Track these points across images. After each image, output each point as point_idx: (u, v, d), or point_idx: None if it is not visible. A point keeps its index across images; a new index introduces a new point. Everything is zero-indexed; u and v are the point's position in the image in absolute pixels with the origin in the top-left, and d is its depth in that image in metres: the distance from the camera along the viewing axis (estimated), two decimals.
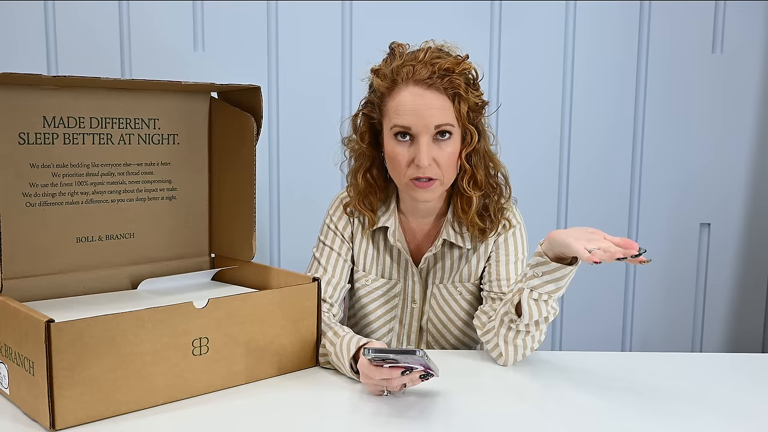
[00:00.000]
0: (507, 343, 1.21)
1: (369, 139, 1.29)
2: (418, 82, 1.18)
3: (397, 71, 1.20)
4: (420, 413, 1.03)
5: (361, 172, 1.31)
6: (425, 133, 1.19)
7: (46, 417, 0.93)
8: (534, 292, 1.14)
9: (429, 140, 1.19)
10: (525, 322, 1.17)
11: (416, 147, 1.19)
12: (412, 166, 1.20)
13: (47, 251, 1.21)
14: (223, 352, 1.10)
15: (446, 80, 1.18)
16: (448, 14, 1.95)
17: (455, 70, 1.19)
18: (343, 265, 1.35)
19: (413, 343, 1.37)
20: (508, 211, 1.32)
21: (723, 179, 2.09)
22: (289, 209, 2.01)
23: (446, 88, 1.18)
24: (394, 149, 1.22)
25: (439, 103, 1.18)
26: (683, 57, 2.03)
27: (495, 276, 1.30)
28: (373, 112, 1.26)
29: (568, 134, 2.06)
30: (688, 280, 2.14)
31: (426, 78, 1.18)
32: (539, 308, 1.15)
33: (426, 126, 1.18)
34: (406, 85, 1.19)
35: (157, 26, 1.88)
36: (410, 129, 1.19)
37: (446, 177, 1.23)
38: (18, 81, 1.13)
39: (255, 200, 1.31)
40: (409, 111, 1.18)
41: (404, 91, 1.19)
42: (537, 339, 1.21)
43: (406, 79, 1.19)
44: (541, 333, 1.20)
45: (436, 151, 1.20)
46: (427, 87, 1.18)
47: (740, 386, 1.17)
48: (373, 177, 1.31)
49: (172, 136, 1.34)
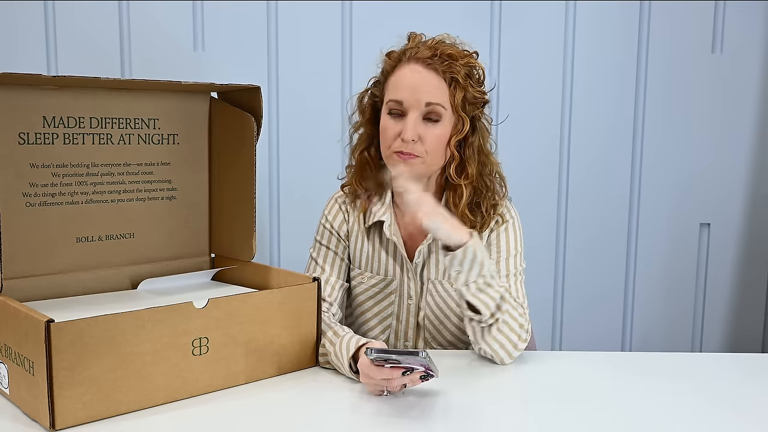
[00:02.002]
0: (490, 342, 1.22)
1: (369, 115, 1.32)
2: (419, 60, 1.23)
3: (404, 52, 1.26)
4: (421, 413, 1.03)
5: (359, 150, 1.34)
6: (415, 108, 1.22)
7: (46, 417, 0.93)
8: (469, 286, 1.18)
9: (418, 117, 1.23)
10: (487, 315, 1.20)
11: (405, 121, 1.23)
12: (398, 140, 1.23)
13: (47, 251, 1.21)
14: (223, 352, 1.10)
15: (446, 64, 1.22)
16: (448, 14, 1.95)
17: (457, 59, 1.23)
18: (341, 263, 1.36)
19: (411, 340, 1.37)
20: (502, 207, 1.33)
21: (723, 179, 2.09)
22: (289, 209, 2.01)
23: (444, 71, 1.22)
24: (386, 123, 1.25)
25: (435, 82, 1.22)
26: (683, 57, 2.03)
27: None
28: (377, 91, 1.30)
29: (568, 134, 2.06)
30: (688, 280, 2.14)
31: (427, 57, 1.23)
32: (487, 294, 1.19)
33: (417, 101, 1.22)
34: (408, 63, 1.24)
35: (157, 26, 1.88)
36: (402, 104, 1.23)
37: (430, 158, 1.24)
38: (18, 81, 1.13)
39: (255, 200, 1.31)
40: (405, 86, 1.23)
41: (405, 67, 1.24)
42: (514, 320, 1.22)
43: (410, 57, 1.25)
44: (510, 315, 1.21)
45: (423, 129, 1.23)
46: (426, 66, 1.23)
47: (740, 386, 1.17)
48: (370, 155, 1.33)
49: (172, 136, 1.34)
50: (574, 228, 2.09)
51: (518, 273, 1.32)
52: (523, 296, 1.31)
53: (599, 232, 2.10)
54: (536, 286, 2.09)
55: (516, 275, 1.31)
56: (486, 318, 1.20)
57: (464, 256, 1.17)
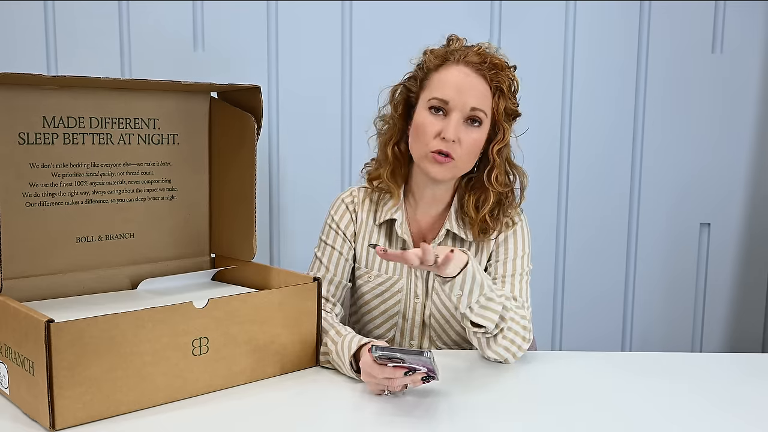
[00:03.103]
0: (495, 349, 1.23)
1: (402, 111, 1.32)
2: (468, 64, 1.25)
3: (451, 52, 1.27)
4: (425, 412, 1.03)
5: (390, 145, 1.33)
6: (459, 110, 1.23)
7: (46, 417, 0.93)
8: (473, 307, 1.17)
9: (460, 119, 1.24)
10: (492, 327, 1.19)
11: (447, 121, 1.23)
12: (438, 138, 1.23)
13: (47, 251, 1.21)
14: (223, 352, 1.10)
15: (493, 73, 1.25)
16: (448, 14, 1.95)
17: (503, 69, 1.26)
18: (345, 263, 1.36)
19: (416, 338, 1.38)
20: (513, 212, 1.34)
21: (723, 179, 2.09)
22: (289, 209, 2.01)
23: (492, 80, 1.25)
24: (425, 119, 1.25)
25: (482, 88, 1.24)
26: (683, 57, 2.03)
27: (500, 273, 1.32)
28: (413, 86, 1.30)
29: (568, 134, 2.06)
30: (688, 280, 2.13)
31: (477, 63, 1.24)
32: (490, 309, 1.18)
33: (463, 104, 1.23)
34: (457, 64, 1.25)
35: (157, 26, 1.87)
36: (448, 103, 1.23)
37: (462, 162, 1.26)
38: (18, 81, 1.13)
39: (255, 200, 1.31)
40: (453, 86, 1.23)
41: (454, 68, 1.25)
42: (517, 324, 1.22)
43: (458, 59, 1.26)
44: (514, 320, 1.22)
45: (463, 132, 1.24)
46: (475, 70, 1.24)
47: (740, 386, 1.17)
48: (400, 150, 1.33)
49: (172, 136, 1.34)
50: (574, 228, 2.09)
51: (524, 273, 1.33)
52: (527, 296, 1.32)
53: (599, 233, 2.10)
54: (536, 286, 2.07)
55: (522, 275, 1.32)
56: (491, 329, 1.20)
57: (464, 280, 1.15)
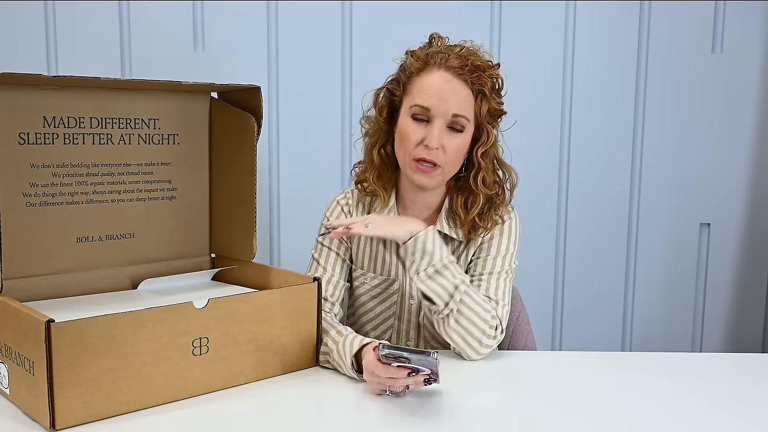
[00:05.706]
0: (450, 334, 1.24)
1: (386, 114, 1.31)
2: (449, 69, 1.23)
3: (432, 55, 1.25)
4: (428, 412, 1.03)
5: (376, 148, 1.33)
6: (441, 117, 1.22)
7: (46, 417, 0.93)
8: (420, 274, 1.21)
9: (443, 126, 1.23)
10: (441, 305, 1.21)
11: (429, 129, 1.23)
12: (421, 146, 1.23)
13: (47, 251, 1.21)
14: (223, 352, 1.10)
15: (475, 76, 1.23)
16: (448, 14, 1.95)
17: (485, 70, 1.24)
18: (342, 264, 1.36)
19: (412, 339, 1.38)
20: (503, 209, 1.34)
21: (722, 179, 2.09)
22: (289, 209, 2.01)
23: (473, 83, 1.23)
24: (407, 126, 1.25)
25: (463, 93, 1.23)
26: (683, 57, 2.03)
27: (479, 270, 1.31)
28: (396, 89, 1.29)
29: (568, 134, 2.06)
30: (688, 280, 2.14)
31: (457, 67, 1.23)
32: (436, 282, 1.20)
33: (445, 111, 1.22)
34: (438, 69, 1.23)
35: (157, 26, 1.87)
36: (429, 110, 1.22)
37: (447, 168, 1.25)
38: (18, 81, 1.13)
39: (255, 200, 1.31)
40: (434, 93, 1.22)
41: (434, 73, 1.23)
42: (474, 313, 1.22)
43: (439, 63, 1.24)
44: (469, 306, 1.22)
45: (447, 139, 1.23)
46: (456, 75, 1.23)
47: (740, 386, 1.17)
48: (386, 153, 1.33)
49: (172, 136, 1.34)
50: (574, 228, 2.09)
51: (506, 271, 1.31)
52: (504, 294, 1.30)
53: (599, 232, 2.10)
54: (536, 286, 2.09)
55: (502, 273, 1.31)
56: (441, 308, 1.22)
57: (415, 246, 1.20)
